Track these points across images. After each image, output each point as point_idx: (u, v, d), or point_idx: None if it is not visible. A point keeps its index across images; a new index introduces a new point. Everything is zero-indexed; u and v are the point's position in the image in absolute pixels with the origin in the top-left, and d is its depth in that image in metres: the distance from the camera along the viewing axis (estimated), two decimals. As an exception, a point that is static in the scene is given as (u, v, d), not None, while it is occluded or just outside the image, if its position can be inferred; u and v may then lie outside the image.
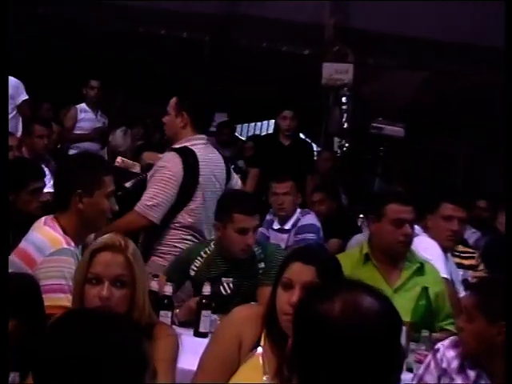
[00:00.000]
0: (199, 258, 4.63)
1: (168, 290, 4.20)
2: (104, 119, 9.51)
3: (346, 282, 2.14)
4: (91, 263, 3.02)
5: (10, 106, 8.72)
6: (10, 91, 8.70)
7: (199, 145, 5.10)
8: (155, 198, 4.94)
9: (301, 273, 2.96)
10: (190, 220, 5.09)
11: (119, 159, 6.53)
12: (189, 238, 5.09)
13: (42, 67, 10.35)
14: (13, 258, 3.80)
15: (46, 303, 3.41)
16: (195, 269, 4.62)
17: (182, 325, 4.22)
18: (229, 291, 4.48)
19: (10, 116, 8.72)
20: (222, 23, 10.72)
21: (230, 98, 10.54)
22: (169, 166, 4.99)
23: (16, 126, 8.66)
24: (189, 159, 4.99)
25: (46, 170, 6.60)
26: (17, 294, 3.22)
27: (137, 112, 10.86)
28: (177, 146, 5.09)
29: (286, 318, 2.93)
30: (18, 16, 10.87)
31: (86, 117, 9.39)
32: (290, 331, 2.86)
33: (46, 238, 3.76)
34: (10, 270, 3.70)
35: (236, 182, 5.44)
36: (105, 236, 3.18)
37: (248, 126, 14.84)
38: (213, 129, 11.30)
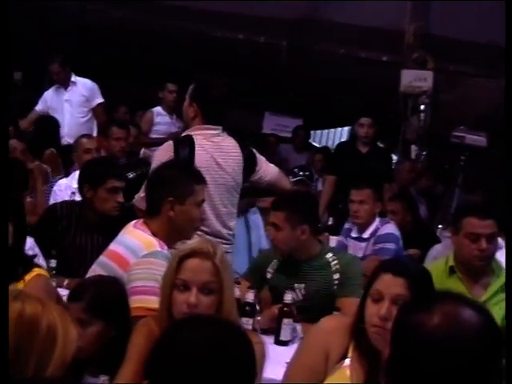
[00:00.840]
0: (275, 260, 4.60)
1: (250, 296, 4.17)
2: (179, 123, 9.51)
3: (445, 294, 2.09)
4: (179, 269, 3.00)
5: (86, 109, 8.84)
6: (86, 94, 8.83)
7: (202, 135, 4.94)
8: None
9: (391, 285, 2.90)
10: None
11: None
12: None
13: (119, 70, 10.42)
14: (104, 259, 3.84)
15: (137, 305, 3.43)
16: (271, 272, 4.59)
17: (264, 332, 4.17)
18: (301, 298, 4.43)
19: (86, 119, 8.85)
20: (300, 28, 10.67)
21: (306, 104, 10.51)
22: (158, 154, 4.99)
23: (91, 128, 8.75)
24: (182, 147, 4.89)
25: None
26: (104, 297, 3.23)
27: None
28: (183, 134, 5.13)
29: (374, 329, 2.88)
30: (95, 20, 11.02)
31: (162, 120, 9.40)
32: (379, 343, 2.82)
33: (139, 240, 3.78)
34: (102, 272, 3.74)
35: (267, 171, 5.23)
36: (193, 241, 3.17)
37: (321, 133, 14.77)
38: (287, 134, 11.31)
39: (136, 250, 3.73)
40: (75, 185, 6.40)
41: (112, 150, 7.23)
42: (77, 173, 6.62)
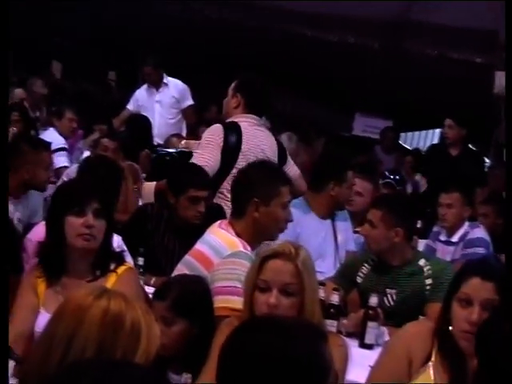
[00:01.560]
0: (366, 264, 4.57)
1: (335, 298, 4.15)
2: (267, 123, 9.50)
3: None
4: (261, 270, 3.01)
5: (176, 111, 8.92)
6: (177, 95, 8.92)
7: (247, 122, 5.29)
8: (197, 158, 5.14)
9: (480, 289, 2.82)
10: None
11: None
12: None
13: (211, 70, 10.49)
14: (189, 258, 3.88)
15: (220, 304, 3.46)
16: (362, 275, 4.57)
17: (349, 335, 4.16)
18: (392, 303, 4.39)
19: (175, 120, 8.94)
20: (392, 29, 10.58)
21: (398, 105, 10.40)
22: (210, 131, 5.30)
23: (180, 129, 8.84)
24: (231, 129, 5.22)
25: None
26: (188, 296, 3.27)
27: (300, 116, 10.85)
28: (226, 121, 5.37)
29: (464, 335, 2.81)
30: (192, 20, 11.13)
31: (253, 122, 9.39)
32: (468, 349, 2.76)
33: (223, 240, 3.80)
34: (186, 271, 3.78)
35: (291, 167, 5.47)
36: (276, 243, 3.18)
37: (413, 135, 14.61)
38: (377, 136, 11.22)
39: (219, 249, 3.76)
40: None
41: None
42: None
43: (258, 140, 5.31)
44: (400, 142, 12.50)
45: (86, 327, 2.07)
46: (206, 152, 5.15)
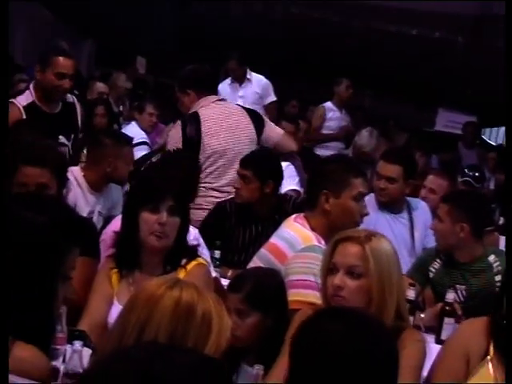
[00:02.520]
0: (438, 260, 4.54)
1: (411, 294, 4.12)
2: (348, 118, 9.48)
3: None
4: (332, 253, 3.04)
5: (258, 106, 8.89)
6: (260, 91, 8.92)
7: (205, 105, 5.46)
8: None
9: None
10: (214, 182, 5.33)
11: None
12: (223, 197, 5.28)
13: (291, 65, 10.50)
14: (264, 251, 3.90)
15: (294, 298, 3.47)
16: (433, 271, 4.54)
17: (427, 330, 4.12)
18: (462, 299, 4.35)
19: (258, 116, 8.93)
20: (476, 24, 10.43)
21: (483, 101, 10.26)
22: (171, 133, 5.54)
23: None
24: (190, 124, 5.36)
25: (292, 167, 6.74)
26: (263, 289, 3.28)
27: (379, 112, 10.78)
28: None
29: None
30: (272, 17, 11.15)
31: (333, 116, 9.33)
32: None
33: (297, 234, 3.79)
34: (261, 264, 3.80)
35: (271, 132, 5.66)
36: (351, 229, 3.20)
37: (498, 131, 14.36)
38: (458, 131, 11.08)
39: (294, 243, 3.76)
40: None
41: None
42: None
43: (220, 123, 5.42)
44: (484, 137, 12.32)
45: (158, 316, 2.10)
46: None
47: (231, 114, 5.53)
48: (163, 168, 4.66)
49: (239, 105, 5.78)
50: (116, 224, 4.03)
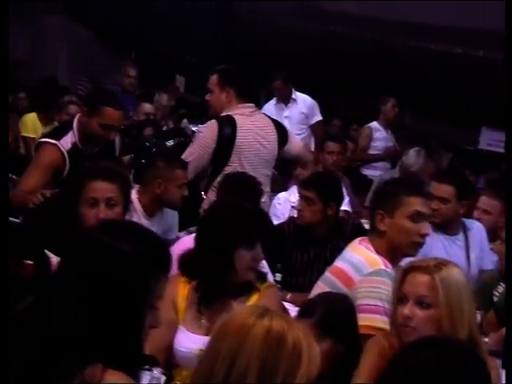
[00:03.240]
0: (502, 284, 4.49)
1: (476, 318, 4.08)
2: (393, 137, 9.43)
3: None
4: (402, 282, 3.04)
5: (304, 126, 8.89)
6: (306, 111, 8.89)
7: (241, 114, 5.48)
8: (187, 157, 5.31)
9: None
10: None
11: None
12: None
13: (328, 82, 10.46)
14: (329, 275, 3.87)
15: (362, 323, 3.45)
16: (498, 294, 4.50)
17: (491, 354, 4.08)
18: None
19: (304, 135, 8.87)
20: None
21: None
22: (204, 131, 5.51)
23: (308, 144, 8.81)
24: (226, 126, 5.40)
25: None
26: (335, 314, 3.27)
27: (420, 131, 10.73)
28: (221, 114, 5.51)
29: None
30: (315, 36, 11.15)
31: (380, 136, 9.30)
32: None
33: (363, 257, 3.77)
34: (326, 288, 3.77)
35: (294, 144, 5.83)
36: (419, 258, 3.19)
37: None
38: (501, 150, 10.97)
39: (360, 267, 3.73)
40: (293, 199, 6.51)
41: (325, 164, 7.28)
42: (295, 187, 6.75)
43: (253, 131, 5.50)
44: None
45: (250, 346, 2.09)
46: (199, 151, 5.41)
47: (263, 126, 5.63)
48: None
49: (270, 117, 5.89)
50: (183, 245, 4.02)
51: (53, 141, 5.04)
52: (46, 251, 3.55)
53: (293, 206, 6.05)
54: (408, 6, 10.52)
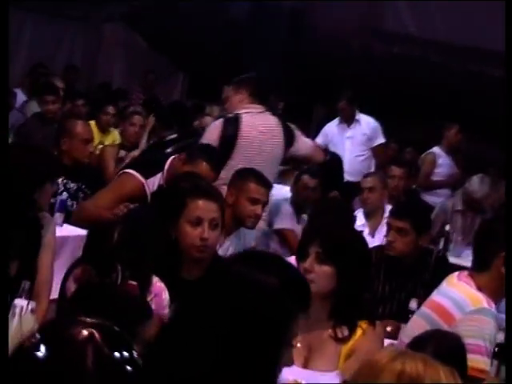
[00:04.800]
0: None
1: None
2: (454, 164, 9.29)
3: None
4: None
5: (366, 148, 8.76)
6: (369, 133, 8.77)
7: (249, 113, 5.68)
8: None
9: None
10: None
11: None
12: None
13: (396, 106, 10.38)
14: (427, 310, 3.78)
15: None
16: None
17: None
18: None
19: (365, 157, 8.78)
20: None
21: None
22: (209, 129, 5.76)
23: (369, 167, 8.72)
24: (230, 124, 5.60)
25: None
26: (444, 353, 3.17)
27: (476, 156, 10.59)
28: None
29: None
30: (378, 57, 11.08)
31: (443, 162, 9.14)
32: None
33: (464, 294, 3.67)
34: (423, 323, 3.67)
35: (302, 146, 5.93)
36: None
37: None
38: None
39: (461, 304, 3.62)
40: (359, 222, 6.43)
41: (389, 189, 7.15)
42: (360, 212, 6.66)
43: (256, 129, 5.65)
44: None
45: None
46: None
47: (269, 125, 5.78)
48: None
49: (277, 116, 6.03)
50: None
51: (141, 177, 4.99)
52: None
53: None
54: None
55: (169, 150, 6.13)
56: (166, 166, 5.06)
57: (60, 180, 5.32)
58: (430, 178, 9.01)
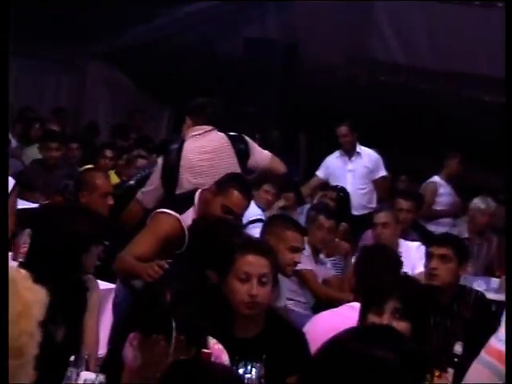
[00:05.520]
0: None
1: None
2: (454, 192, 9.27)
3: None
4: None
5: (367, 181, 8.72)
6: (370, 166, 8.73)
7: (193, 136, 5.65)
8: (146, 187, 5.65)
9: None
10: None
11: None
12: None
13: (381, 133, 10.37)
14: (487, 357, 3.67)
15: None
16: None
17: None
18: None
19: (366, 190, 8.73)
20: None
21: None
22: (157, 162, 5.83)
23: (371, 200, 8.69)
24: (171, 152, 5.64)
25: (423, 248, 6.60)
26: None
27: (474, 183, 10.60)
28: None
29: None
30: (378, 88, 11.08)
31: (444, 192, 9.10)
32: None
33: None
34: (483, 369, 3.59)
35: (258, 158, 5.80)
36: None
37: None
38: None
39: None
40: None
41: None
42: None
43: (200, 150, 5.60)
44: None
45: None
46: (154, 179, 5.65)
47: (215, 144, 5.69)
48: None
49: (227, 134, 5.87)
50: (321, 322, 3.87)
51: (174, 213, 4.91)
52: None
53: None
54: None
55: (132, 182, 6.23)
56: (196, 200, 5.02)
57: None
58: (432, 208, 8.97)
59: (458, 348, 4.41)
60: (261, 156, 5.88)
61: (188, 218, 4.91)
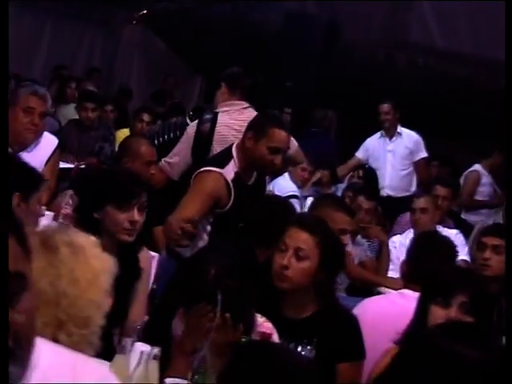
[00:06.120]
0: None
1: None
2: (497, 184, 9.09)
3: None
4: None
5: (408, 162, 8.57)
6: (411, 146, 8.59)
7: (229, 110, 5.61)
8: (172, 156, 5.54)
9: None
10: None
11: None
12: None
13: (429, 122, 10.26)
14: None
15: None
16: None
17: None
18: None
19: (407, 172, 8.60)
20: None
21: None
22: (187, 130, 5.63)
23: (411, 182, 8.54)
24: (205, 124, 5.53)
25: (460, 236, 6.49)
26: None
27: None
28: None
29: None
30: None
31: (486, 181, 8.88)
32: None
33: None
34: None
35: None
36: None
37: None
38: None
39: None
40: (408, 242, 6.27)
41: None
42: (411, 233, 6.49)
43: (232, 128, 5.51)
44: None
45: None
46: (181, 149, 5.56)
47: (244, 123, 5.46)
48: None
49: (263, 113, 5.57)
50: (373, 308, 3.79)
51: (218, 169, 4.78)
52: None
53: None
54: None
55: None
56: (235, 153, 4.89)
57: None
58: (473, 197, 8.83)
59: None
60: (292, 144, 5.79)
61: (229, 172, 4.80)
